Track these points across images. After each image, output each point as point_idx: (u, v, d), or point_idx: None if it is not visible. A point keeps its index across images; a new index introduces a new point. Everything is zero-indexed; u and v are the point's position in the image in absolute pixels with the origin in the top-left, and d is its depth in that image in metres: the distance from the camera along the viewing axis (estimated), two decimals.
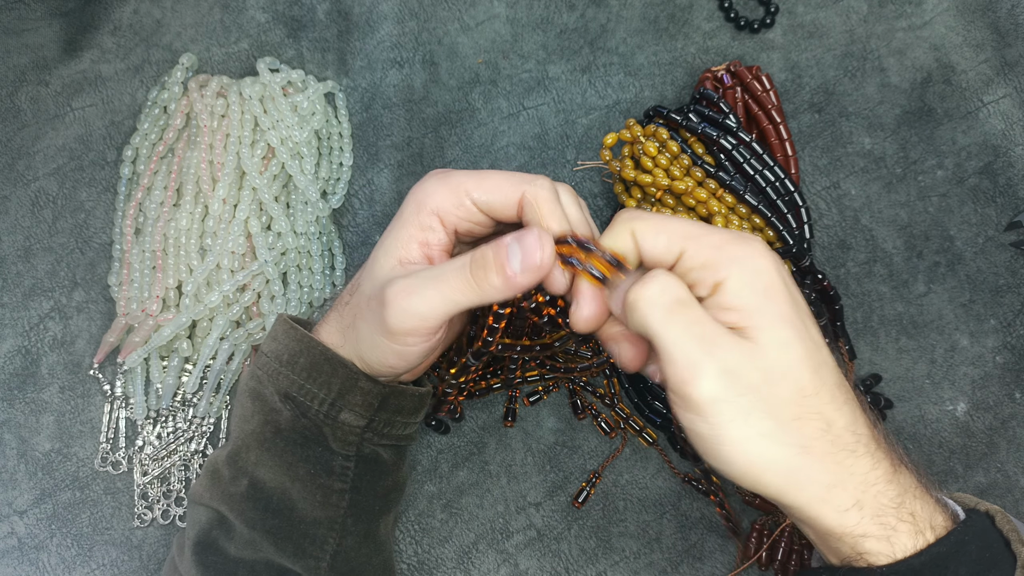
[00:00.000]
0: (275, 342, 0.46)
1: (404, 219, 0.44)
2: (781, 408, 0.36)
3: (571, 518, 0.57)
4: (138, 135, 0.62)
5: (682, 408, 0.37)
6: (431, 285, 0.41)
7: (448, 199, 0.43)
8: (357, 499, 0.46)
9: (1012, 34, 0.65)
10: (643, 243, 0.40)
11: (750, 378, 0.36)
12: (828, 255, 0.61)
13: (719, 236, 0.39)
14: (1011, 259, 0.61)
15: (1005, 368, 0.59)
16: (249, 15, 0.66)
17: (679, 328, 0.37)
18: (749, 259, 0.38)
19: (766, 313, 0.37)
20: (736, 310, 0.37)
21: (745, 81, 0.60)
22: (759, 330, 0.37)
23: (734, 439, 0.36)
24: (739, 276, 0.38)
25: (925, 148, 0.63)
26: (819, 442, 0.37)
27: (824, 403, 0.37)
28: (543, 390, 0.58)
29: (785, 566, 0.55)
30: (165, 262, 0.59)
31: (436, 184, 0.44)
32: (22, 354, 0.59)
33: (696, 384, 0.36)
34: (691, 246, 0.39)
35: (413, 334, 0.42)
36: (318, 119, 0.62)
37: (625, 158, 0.56)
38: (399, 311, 0.41)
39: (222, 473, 0.46)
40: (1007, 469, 0.57)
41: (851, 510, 0.37)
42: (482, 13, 0.66)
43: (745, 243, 0.39)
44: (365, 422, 0.46)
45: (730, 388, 0.36)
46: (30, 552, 0.56)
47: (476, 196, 0.43)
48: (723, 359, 0.36)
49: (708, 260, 0.38)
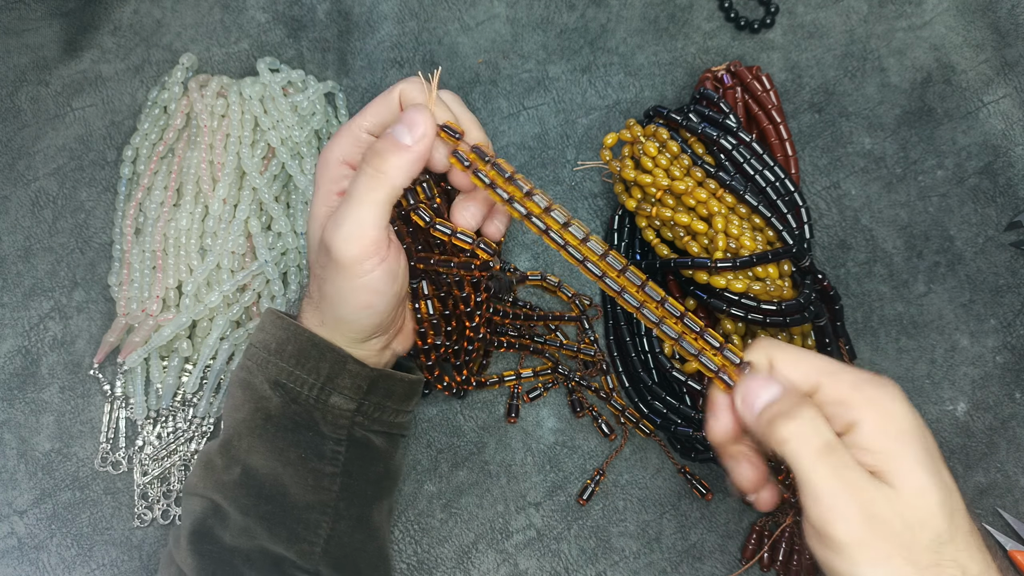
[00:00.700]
0: (263, 332, 0.47)
1: (317, 183, 0.47)
2: (920, 555, 0.37)
3: (571, 518, 0.57)
4: (138, 135, 0.62)
5: (822, 545, 0.38)
6: (349, 203, 0.43)
7: (346, 144, 0.46)
8: (349, 483, 0.47)
9: (1012, 34, 0.65)
10: (780, 372, 0.41)
11: (892, 524, 0.37)
12: (828, 255, 0.61)
13: (855, 376, 0.40)
14: (1011, 259, 0.61)
15: (1005, 368, 0.59)
16: (249, 15, 0.66)
17: (828, 470, 0.38)
18: (885, 402, 0.39)
19: (903, 458, 0.38)
20: (872, 452, 0.38)
21: (745, 81, 0.60)
22: (896, 475, 0.38)
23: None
24: (875, 419, 0.39)
25: (925, 148, 0.63)
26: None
27: (959, 550, 0.38)
28: (542, 386, 0.58)
29: (786, 566, 0.55)
30: (165, 262, 0.59)
31: (333, 139, 0.47)
32: (22, 354, 0.59)
33: (840, 525, 0.37)
34: (827, 382, 0.40)
35: (363, 256, 0.43)
36: (318, 119, 0.62)
37: (625, 158, 0.56)
38: (340, 242, 0.43)
39: (215, 462, 0.47)
40: (1007, 469, 0.57)
41: None
42: (482, 13, 0.66)
43: (881, 386, 0.40)
44: (355, 405, 0.47)
45: (872, 532, 0.37)
46: (30, 552, 0.56)
47: (367, 125, 0.46)
48: (868, 504, 0.37)
49: (844, 398, 0.39)
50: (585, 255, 0.45)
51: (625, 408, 0.58)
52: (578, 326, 0.60)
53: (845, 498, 0.37)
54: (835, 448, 0.38)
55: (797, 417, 0.39)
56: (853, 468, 0.38)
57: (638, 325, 0.58)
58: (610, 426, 0.58)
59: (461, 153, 0.45)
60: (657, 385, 0.56)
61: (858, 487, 0.37)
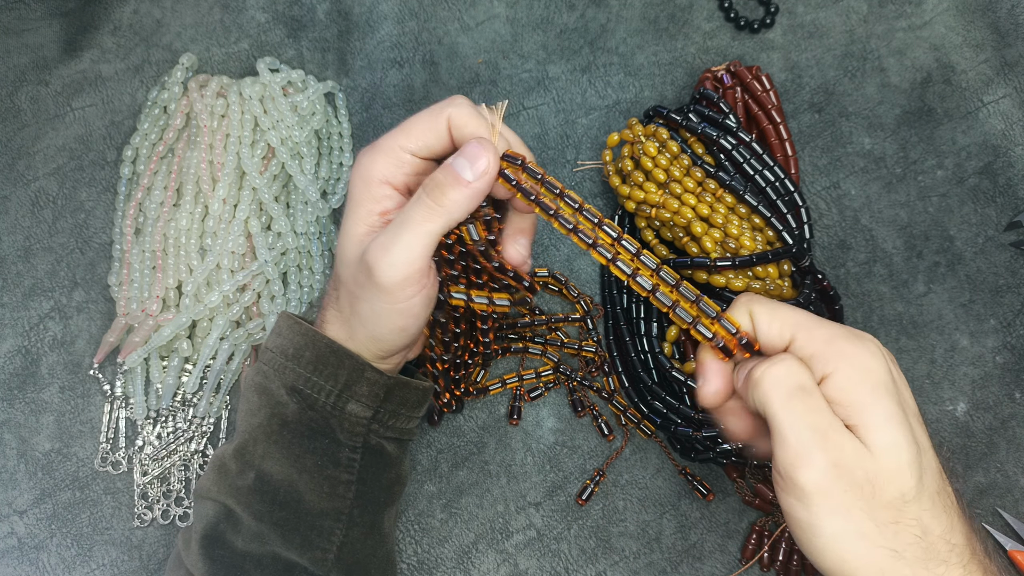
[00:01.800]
0: (280, 337, 0.47)
1: (356, 200, 0.45)
2: (881, 510, 0.37)
3: (571, 518, 0.57)
4: (138, 135, 0.62)
5: (784, 491, 0.38)
6: (402, 229, 0.42)
7: (389, 163, 0.45)
8: (363, 490, 0.47)
9: (1012, 34, 0.65)
10: (758, 326, 0.42)
11: (856, 476, 0.37)
12: (828, 255, 0.61)
13: (831, 330, 0.40)
14: (1011, 259, 0.61)
15: (1005, 368, 0.59)
16: (249, 15, 0.66)
17: (798, 413, 0.38)
18: (859, 356, 0.39)
19: (874, 413, 0.38)
20: (843, 405, 0.38)
21: (745, 81, 0.60)
22: (867, 429, 0.38)
23: (830, 533, 0.37)
24: (847, 372, 0.38)
25: (925, 148, 0.63)
26: (912, 548, 0.37)
27: (923, 509, 0.38)
28: (543, 387, 0.58)
29: (786, 566, 0.55)
30: (165, 262, 0.59)
31: (372, 155, 0.45)
32: (22, 354, 0.59)
33: (804, 471, 0.37)
34: (802, 335, 0.40)
35: (407, 283, 0.43)
36: (318, 119, 0.62)
37: (624, 158, 0.56)
38: (387, 267, 0.42)
39: (229, 467, 0.46)
40: (1007, 469, 0.57)
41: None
42: (482, 13, 0.66)
43: (856, 340, 0.40)
44: (371, 413, 0.46)
45: (836, 482, 0.37)
46: (30, 552, 0.56)
47: (411, 146, 0.45)
48: (835, 453, 0.37)
49: (818, 352, 0.39)
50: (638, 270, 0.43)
51: (626, 408, 0.58)
52: (581, 326, 0.60)
53: (812, 443, 0.37)
54: (809, 392, 0.38)
55: (773, 360, 0.39)
56: (824, 414, 0.38)
57: (638, 325, 0.58)
58: (609, 426, 0.58)
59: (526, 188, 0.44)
60: (657, 385, 0.56)
61: (827, 434, 0.37)
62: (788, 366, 0.39)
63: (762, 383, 0.39)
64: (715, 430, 0.54)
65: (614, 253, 0.43)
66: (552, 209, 0.43)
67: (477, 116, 0.44)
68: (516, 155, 0.44)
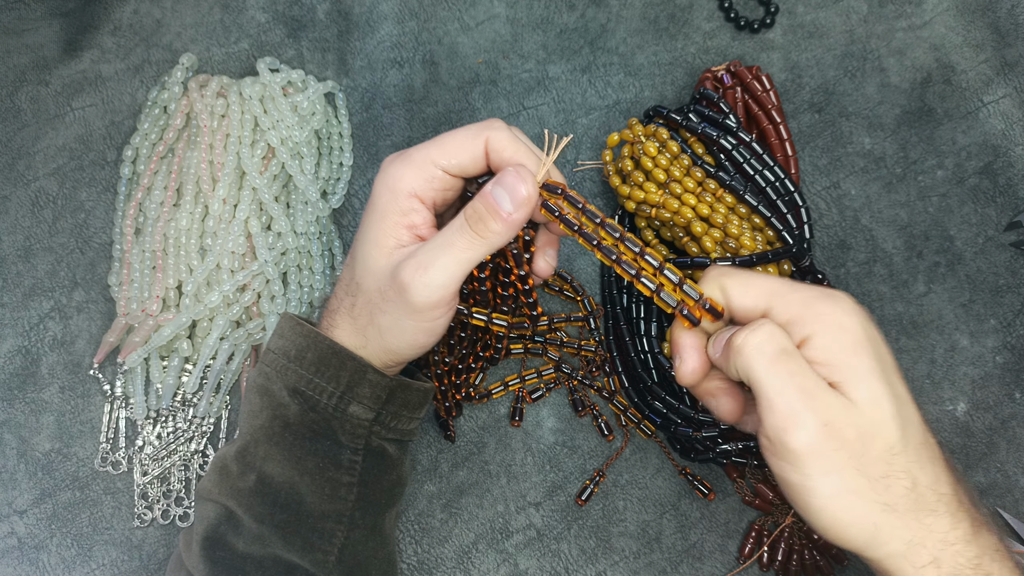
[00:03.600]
0: (282, 339, 0.47)
1: (382, 209, 0.45)
2: (871, 466, 0.37)
3: (571, 518, 0.57)
4: (138, 135, 0.62)
5: (775, 455, 0.38)
6: (441, 254, 0.42)
7: (419, 177, 0.44)
8: (364, 492, 0.47)
9: (1012, 34, 0.65)
10: (732, 299, 0.41)
11: (846, 434, 0.37)
12: (828, 255, 0.61)
13: (805, 293, 0.40)
14: (1011, 259, 0.61)
15: (1005, 368, 0.59)
16: (249, 15, 0.66)
17: (783, 377, 0.38)
18: (837, 315, 0.39)
19: (856, 369, 0.38)
20: (825, 365, 0.38)
21: (745, 81, 0.60)
22: (850, 386, 0.38)
23: (825, 493, 0.37)
24: (826, 332, 0.39)
25: (925, 148, 0.63)
26: (903, 500, 0.38)
27: (911, 461, 0.38)
28: (544, 387, 0.58)
29: (786, 566, 0.55)
30: (165, 262, 0.59)
31: (402, 167, 0.44)
32: (22, 354, 0.59)
33: (794, 434, 0.37)
34: (777, 302, 0.40)
35: (438, 306, 0.43)
36: (318, 119, 0.62)
37: (625, 158, 0.56)
38: (422, 287, 0.42)
39: (230, 469, 0.46)
40: (1007, 469, 0.57)
41: (928, 567, 0.38)
42: (482, 13, 0.66)
43: (832, 300, 0.40)
44: (373, 415, 0.46)
45: (827, 442, 0.37)
46: (30, 552, 0.56)
47: (444, 163, 0.44)
48: (823, 412, 0.37)
49: (795, 316, 0.40)
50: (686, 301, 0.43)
51: (627, 408, 0.58)
52: (582, 325, 0.60)
53: (801, 405, 0.37)
54: (791, 355, 0.38)
55: (752, 327, 0.39)
56: (809, 375, 0.38)
57: (638, 325, 0.58)
58: (609, 427, 0.58)
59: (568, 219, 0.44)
60: (657, 385, 0.56)
61: (814, 395, 0.37)
62: (768, 331, 0.39)
63: (744, 350, 0.39)
64: (715, 430, 0.54)
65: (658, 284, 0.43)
66: (595, 239, 0.43)
67: (515, 141, 0.44)
68: (556, 184, 0.43)
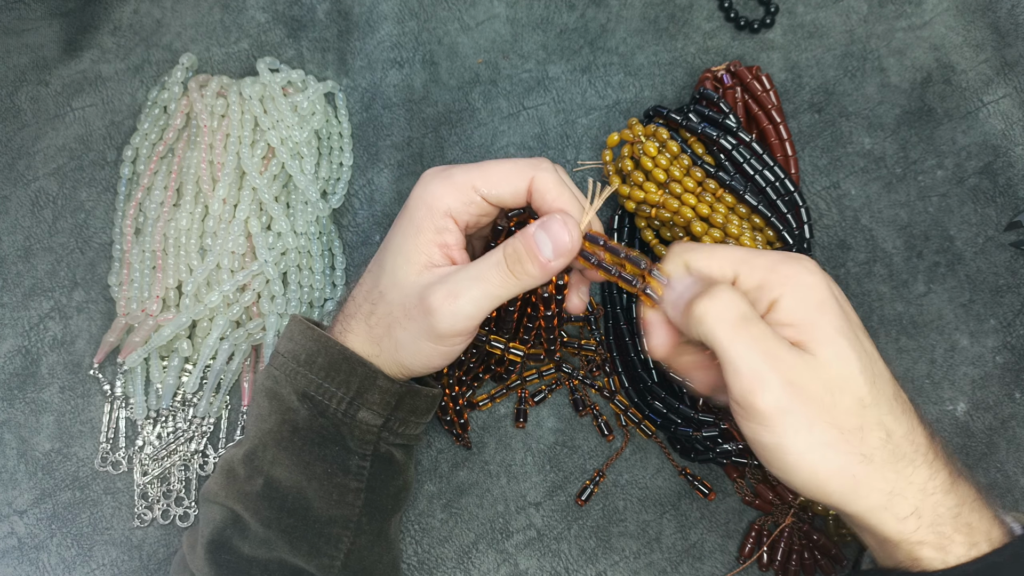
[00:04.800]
0: (291, 342, 0.47)
1: (417, 224, 0.44)
2: (843, 418, 0.38)
3: (571, 518, 0.57)
4: (138, 135, 0.62)
5: (746, 419, 0.39)
6: (474, 286, 0.42)
7: (458, 199, 0.44)
8: (372, 498, 0.47)
9: (1012, 34, 0.65)
10: (698, 272, 0.42)
11: (812, 389, 0.38)
12: (828, 255, 0.61)
13: (770, 258, 0.41)
14: (1011, 259, 0.61)
15: (1005, 368, 0.59)
16: (249, 15, 0.66)
17: (745, 342, 0.38)
18: (801, 276, 0.40)
19: (821, 327, 0.39)
20: (792, 325, 0.39)
21: (745, 81, 0.60)
22: (816, 343, 0.39)
23: (798, 449, 0.38)
24: (792, 293, 0.40)
25: (925, 148, 0.63)
26: (880, 451, 0.38)
27: (883, 413, 0.39)
28: (546, 389, 0.58)
29: (785, 566, 0.55)
30: (165, 262, 0.59)
31: (443, 186, 0.44)
32: (22, 354, 0.59)
33: (761, 395, 0.37)
34: (743, 270, 0.41)
35: (461, 334, 0.44)
36: (318, 119, 0.62)
37: (624, 158, 0.56)
38: (449, 316, 0.42)
39: (237, 472, 0.46)
40: (1007, 469, 0.57)
41: (909, 518, 0.38)
42: (482, 13, 0.66)
43: (796, 262, 0.41)
44: (382, 421, 0.46)
45: (794, 399, 0.37)
46: (30, 552, 0.56)
47: (485, 192, 0.44)
48: (787, 371, 0.38)
49: (761, 281, 0.40)
50: None
51: (628, 408, 0.58)
52: (583, 325, 0.60)
53: (765, 367, 0.38)
54: (751, 319, 0.39)
55: (711, 295, 0.40)
56: (771, 338, 0.39)
57: (638, 325, 0.58)
58: (609, 427, 0.58)
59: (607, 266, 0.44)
60: (657, 385, 0.56)
61: (777, 356, 0.38)
62: (727, 299, 0.39)
63: (705, 320, 0.39)
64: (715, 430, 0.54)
65: None
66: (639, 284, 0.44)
67: (560, 184, 0.44)
68: (599, 235, 0.44)
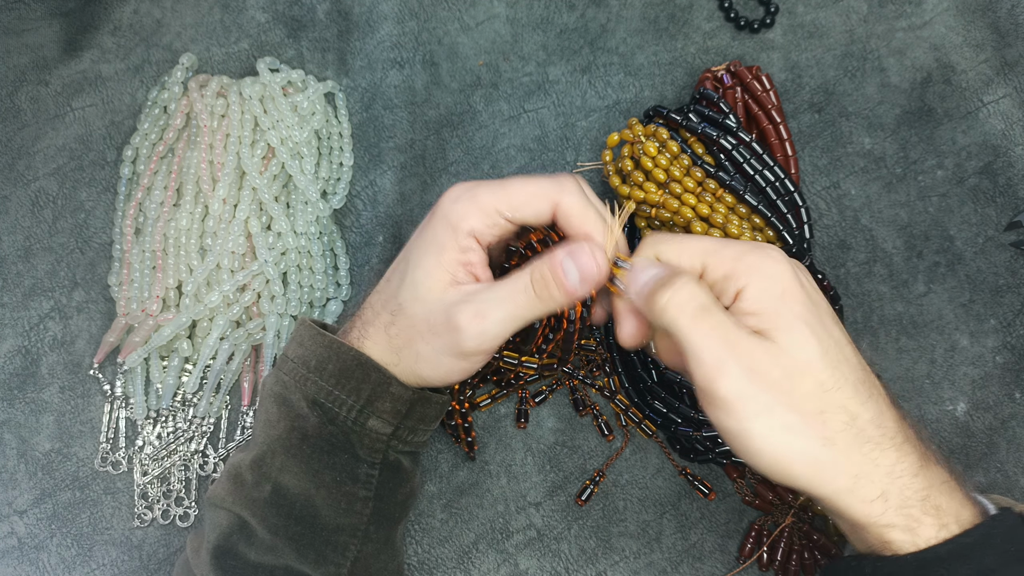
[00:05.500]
0: (301, 347, 0.46)
1: (440, 243, 0.45)
2: (803, 402, 0.39)
3: (571, 518, 0.57)
4: (138, 135, 0.62)
5: (710, 406, 0.39)
6: (501, 307, 0.43)
7: (483, 222, 0.45)
8: (380, 507, 0.47)
9: (1012, 34, 0.65)
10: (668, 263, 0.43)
11: (771, 375, 0.38)
12: (828, 255, 0.61)
13: (737, 248, 0.42)
14: (1011, 259, 0.61)
15: (1005, 368, 0.59)
16: (249, 15, 0.66)
17: (704, 331, 0.39)
18: (765, 266, 0.41)
19: (782, 314, 0.40)
20: (756, 314, 0.40)
21: (745, 81, 0.60)
22: (778, 331, 0.39)
23: (760, 433, 0.38)
24: (757, 283, 0.40)
25: (925, 148, 0.63)
26: (843, 435, 0.39)
27: (847, 397, 0.39)
28: (547, 389, 0.58)
29: (785, 566, 0.55)
30: (165, 262, 0.59)
31: (468, 206, 0.45)
32: (22, 354, 0.59)
33: (721, 381, 0.38)
34: (711, 260, 0.42)
35: (484, 352, 0.44)
36: (318, 119, 0.62)
37: (624, 158, 0.56)
38: (476, 335, 0.43)
39: (245, 478, 0.46)
40: (1007, 469, 0.57)
41: (876, 501, 0.39)
42: (482, 13, 0.66)
43: (762, 252, 0.41)
44: (392, 429, 0.46)
45: (753, 384, 0.38)
46: (30, 552, 0.56)
47: (509, 215, 0.45)
48: (745, 358, 0.39)
49: (728, 271, 0.41)
50: None
51: (628, 408, 0.58)
52: None
53: (724, 355, 0.39)
54: (711, 309, 0.40)
55: (672, 285, 0.40)
56: (730, 327, 0.39)
57: None
58: (609, 427, 0.58)
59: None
60: (657, 385, 0.56)
61: (736, 344, 0.39)
62: (687, 290, 0.40)
63: (668, 311, 0.40)
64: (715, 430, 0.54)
65: None
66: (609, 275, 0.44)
67: (588, 207, 0.44)
68: (625, 259, 0.44)
